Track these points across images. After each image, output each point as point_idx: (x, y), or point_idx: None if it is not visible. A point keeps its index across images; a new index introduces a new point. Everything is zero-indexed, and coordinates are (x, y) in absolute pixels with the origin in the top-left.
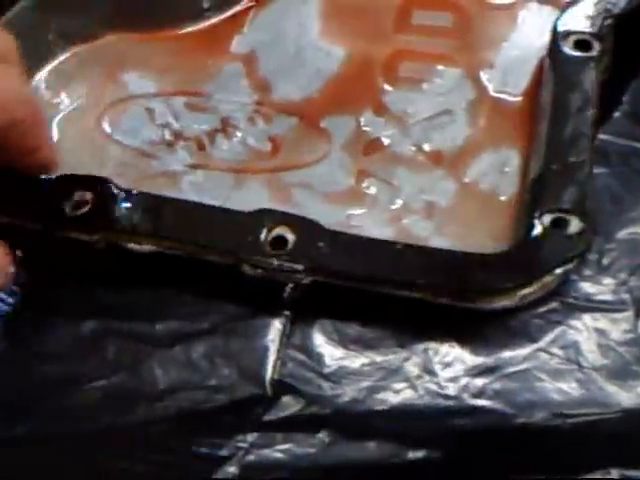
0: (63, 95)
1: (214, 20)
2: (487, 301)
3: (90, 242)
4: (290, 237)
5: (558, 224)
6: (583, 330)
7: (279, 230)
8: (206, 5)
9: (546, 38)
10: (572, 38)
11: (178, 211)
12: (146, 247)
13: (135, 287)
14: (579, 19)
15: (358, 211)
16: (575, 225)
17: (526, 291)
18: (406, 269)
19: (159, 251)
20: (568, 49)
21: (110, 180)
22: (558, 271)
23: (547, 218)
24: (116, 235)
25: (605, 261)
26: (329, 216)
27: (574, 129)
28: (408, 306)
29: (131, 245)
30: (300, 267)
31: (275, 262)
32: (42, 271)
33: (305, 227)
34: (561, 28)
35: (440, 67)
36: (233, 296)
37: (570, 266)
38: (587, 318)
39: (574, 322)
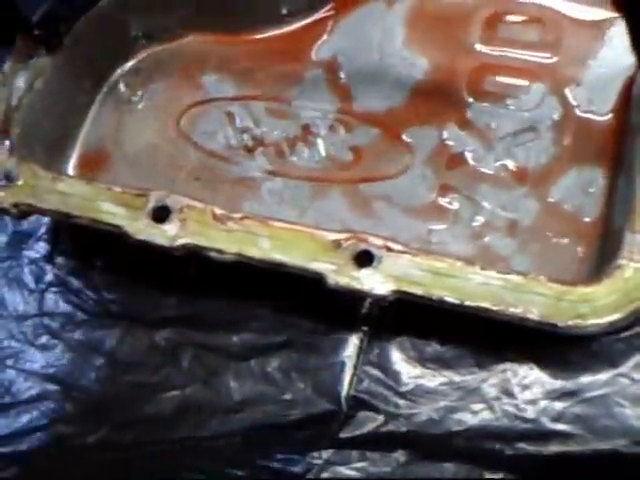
0: (141, 93)
1: (295, 25)
2: (575, 327)
3: (170, 249)
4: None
5: None
6: None
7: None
8: (285, 11)
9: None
10: None
11: None
12: (228, 256)
13: (212, 297)
14: None
15: (439, 226)
16: None
17: (615, 317)
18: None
19: (241, 261)
20: None
21: None
22: None
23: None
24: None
25: None
26: (409, 230)
27: None
28: (487, 326)
29: (212, 254)
30: (386, 284)
31: (361, 277)
32: (120, 277)
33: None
34: None
35: (525, 82)
36: (311, 310)
37: None
38: None
39: None
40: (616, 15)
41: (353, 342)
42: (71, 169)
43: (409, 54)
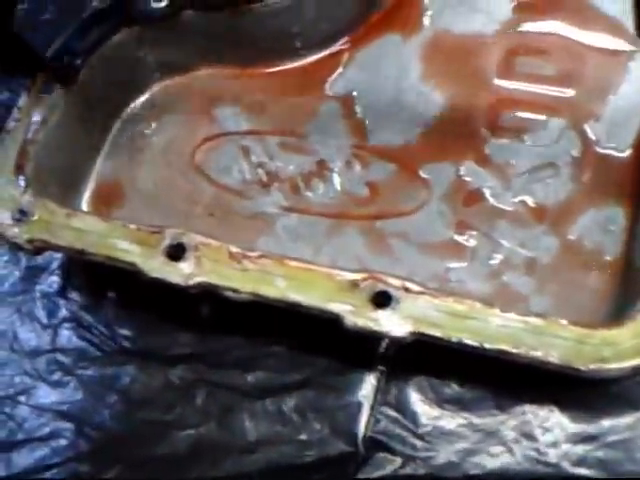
0: (155, 127)
1: (310, 59)
2: (597, 371)
3: (185, 287)
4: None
5: None
6: None
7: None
8: (299, 44)
9: None
10: None
11: None
12: (243, 296)
13: (228, 335)
14: None
15: (456, 264)
16: None
17: (636, 362)
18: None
19: (256, 301)
20: None
21: None
22: None
23: None
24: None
25: None
26: (426, 268)
27: None
28: (507, 367)
29: (228, 293)
30: (404, 326)
31: (378, 318)
32: (134, 313)
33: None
34: None
35: (544, 118)
36: (327, 349)
37: None
38: None
39: None
40: (636, 49)
41: (370, 382)
42: (85, 204)
43: (425, 89)
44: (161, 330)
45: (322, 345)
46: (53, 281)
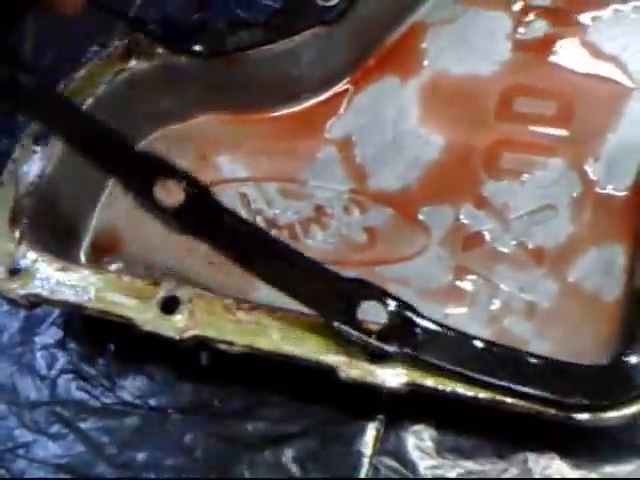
0: None
1: (309, 103)
2: (595, 420)
3: (179, 341)
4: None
5: None
6: None
7: None
8: (296, 89)
9: None
10: None
11: None
12: (237, 348)
13: (226, 385)
14: None
15: (456, 310)
16: None
17: (634, 410)
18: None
19: (251, 352)
20: None
21: None
22: None
23: None
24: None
25: None
26: (426, 313)
27: None
28: (507, 415)
29: (222, 346)
30: (399, 377)
31: (374, 370)
32: (134, 364)
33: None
34: None
35: (543, 158)
36: (326, 398)
37: None
38: None
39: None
40: (634, 86)
41: (370, 431)
42: (83, 254)
43: (424, 132)
44: (160, 381)
45: (321, 394)
46: (53, 332)
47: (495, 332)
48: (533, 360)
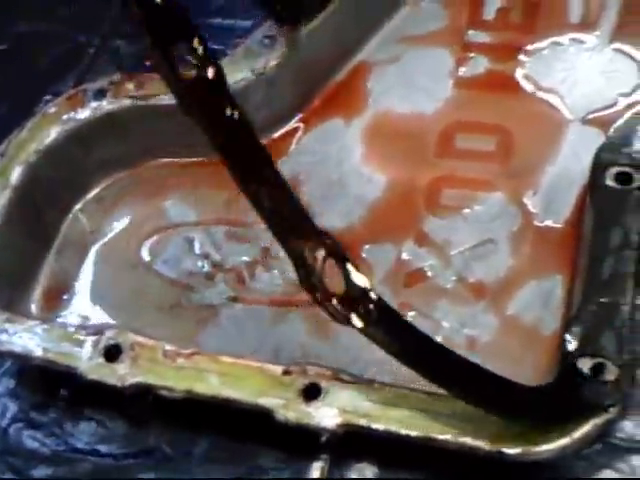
0: (104, 223)
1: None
2: (525, 454)
3: (121, 388)
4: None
5: (594, 371)
6: (630, 473)
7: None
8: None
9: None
10: (612, 170)
11: None
12: (177, 394)
13: (174, 431)
14: (620, 150)
15: None
16: (611, 372)
17: (567, 441)
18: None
19: (190, 398)
20: (608, 181)
21: None
22: (597, 421)
23: (583, 363)
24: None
25: None
26: (369, 352)
27: (613, 268)
28: (448, 453)
29: (162, 392)
30: (334, 417)
31: (309, 411)
32: (86, 410)
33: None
34: (601, 159)
35: (483, 193)
36: (269, 441)
37: (608, 416)
38: (634, 460)
39: (620, 465)
40: (572, 118)
41: (314, 471)
42: (34, 304)
43: (367, 170)
44: (111, 427)
45: (264, 438)
46: (5, 381)
47: None
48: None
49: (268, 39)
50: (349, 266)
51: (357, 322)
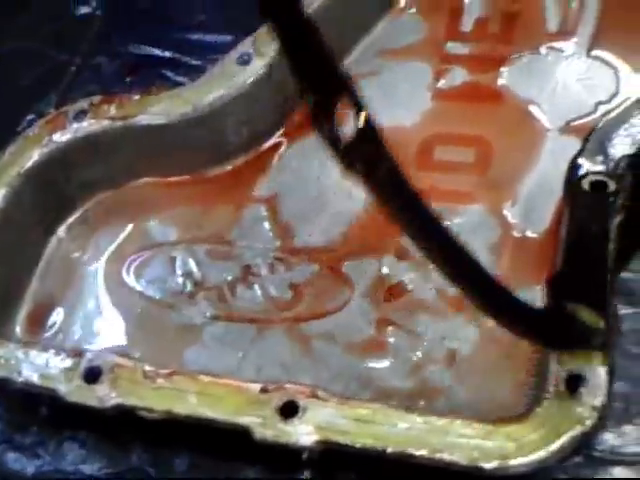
0: (88, 244)
1: (239, 161)
2: (501, 468)
3: (102, 410)
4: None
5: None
6: None
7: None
8: (228, 149)
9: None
10: (588, 179)
11: None
12: (157, 414)
13: (156, 451)
14: (595, 159)
15: (378, 363)
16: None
17: (542, 455)
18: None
19: (169, 419)
20: (584, 189)
21: None
22: (572, 434)
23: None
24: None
25: (633, 409)
26: (350, 368)
27: (588, 270)
28: (426, 468)
29: (142, 412)
30: (311, 435)
31: (286, 429)
32: (65, 432)
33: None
34: (577, 168)
35: (462, 205)
36: (251, 459)
37: (583, 429)
38: (616, 472)
39: (602, 477)
40: (551, 127)
41: None
42: (19, 326)
43: (347, 185)
44: (93, 447)
45: (247, 453)
46: None
47: (417, 382)
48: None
49: (245, 56)
50: None
51: None
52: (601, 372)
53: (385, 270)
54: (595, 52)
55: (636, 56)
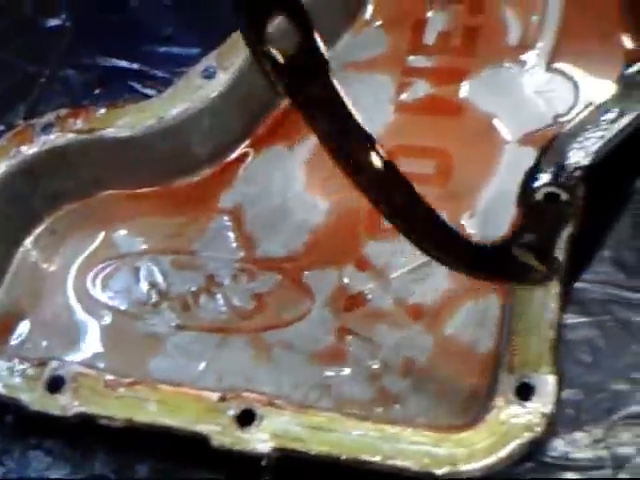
0: (55, 255)
1: (206, 172)
2: (451, 474)
3: (64, 419)
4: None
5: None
6: None
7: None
8: (193, 161)
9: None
10: (542, 191)
11: None
12: (118, 423)
13: (119, 458)
14: (550, 170)
15: (337, 372)
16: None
17: (491, 460)
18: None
19: (130, 426)
20: (537, 200)
21: None
22: (521, 440)
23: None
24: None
25: (583, 417)
26: (310, 377)
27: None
28: (380, 474)
29: (103, 421)
30: (267, 442)
31: (243, 437)
32: (30, 440)
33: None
34: (531, 180)
35: None
36: (211, 466)
37: (532, 435)
38: (567, 477)
39: None
40: (510, 139)
41: None
42: None
43: (309, 197)
44: (58, 455)
45: (207, 461)
46: None
47: (375, 391)
48: None
49: (211, 69)
50: None
51: None
52: (550, 380)
53: (346, 280)
54: (555, 65)
55: (595, 68)
